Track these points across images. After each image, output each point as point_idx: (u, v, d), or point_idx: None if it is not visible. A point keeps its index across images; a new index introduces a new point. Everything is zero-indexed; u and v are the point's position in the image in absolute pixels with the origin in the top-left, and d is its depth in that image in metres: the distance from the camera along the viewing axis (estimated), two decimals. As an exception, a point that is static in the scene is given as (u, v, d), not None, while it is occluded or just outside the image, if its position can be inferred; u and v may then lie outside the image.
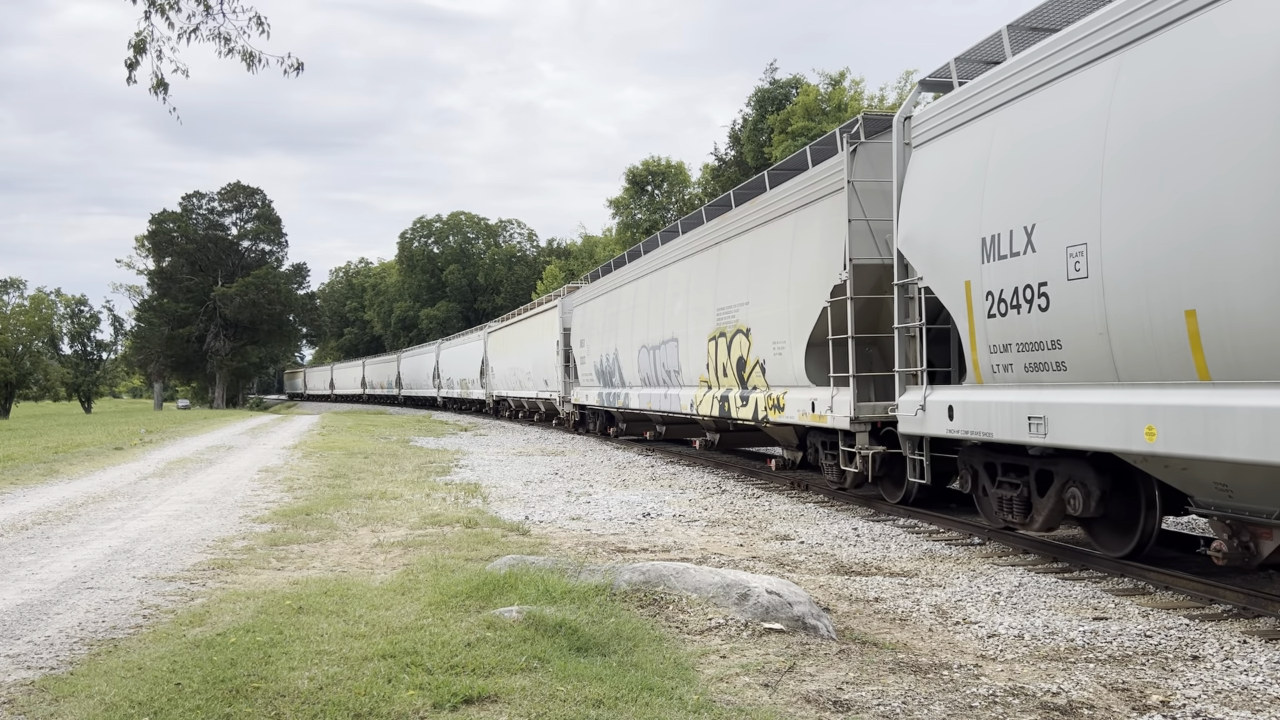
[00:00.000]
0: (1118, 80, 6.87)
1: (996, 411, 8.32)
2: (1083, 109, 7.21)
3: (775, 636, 5.81)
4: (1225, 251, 5.94)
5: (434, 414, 49.18)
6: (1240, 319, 5.90)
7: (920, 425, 9.59)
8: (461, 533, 9.82)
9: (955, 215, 8.82)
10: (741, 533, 10.53)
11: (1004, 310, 8.09)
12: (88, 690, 4.94)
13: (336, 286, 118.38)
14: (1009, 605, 7.11)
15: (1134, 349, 6.76)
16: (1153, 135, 6.50)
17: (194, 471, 17.65)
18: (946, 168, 9.12)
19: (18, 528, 10.82)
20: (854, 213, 10.93)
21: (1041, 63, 7.81)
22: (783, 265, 13.08)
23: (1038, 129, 7.79)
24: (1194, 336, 6.24)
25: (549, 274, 68.58)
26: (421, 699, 4.64)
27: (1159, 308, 6.48)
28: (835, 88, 41.82)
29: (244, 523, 10.97)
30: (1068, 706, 4.78)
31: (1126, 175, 6.69)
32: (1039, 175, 7.67)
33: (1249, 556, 6.58)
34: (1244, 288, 5.83)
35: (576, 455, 21.09)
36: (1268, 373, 5.77)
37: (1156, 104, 6.50)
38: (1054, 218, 7.45)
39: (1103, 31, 7.10)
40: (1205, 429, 6.18)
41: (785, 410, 12.89)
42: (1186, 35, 6.33)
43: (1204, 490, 6.83)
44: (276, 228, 75.98)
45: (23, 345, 74.24)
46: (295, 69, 9.17)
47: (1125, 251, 6.74)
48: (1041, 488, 8.56)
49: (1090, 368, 7.25)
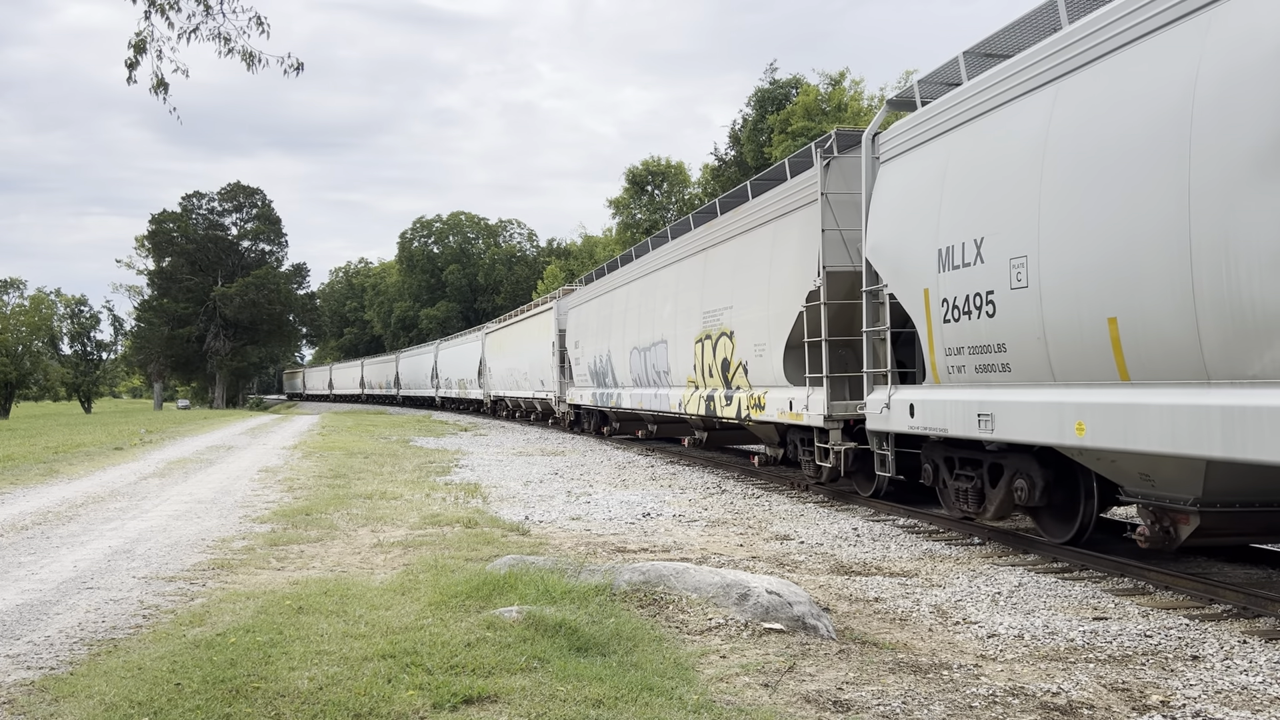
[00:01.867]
0: (1054, 108, 7.57)
1: (951, 409, 9.00)
2: (1026, 133, 7.89)
3: (775, 636, 5.81)
4: (1140, 266, 6.62)
5: (434, 414, 49.17)
6: (1152, 326, 6.58)
7: (886, 422, 10.28)
8: (461, 533, 9.82)
9: (916, 227, 9.48)
10: (741, 533, 10.53)
11: (957, 316, 8.79)
12: (88, 690, 4.94)
13: (336, 286, 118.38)
14: (1009, 605, 7.11)
15: (1066, 352, 7.44)
16: (1083, 160, 7.19)
17: (194, 471, 17.65)
18: (909, 183, 9.78)
19: (18, 528, 10.82)
20: (827, 223, 11.64)
21: (991, 88, 8.47)
22: (763, 271, 13.76)
23: (987, 150, 8.48)
24: (1115, 341, 6.93)
25: (549, 274, 68.59)
26: (421, 699, 4.64)
27: (1087, 315, 7.14)
28: (835, 88, 41.83)
29: (244, 523, 10.97)
30: (1068, 706, 4.78)
31: (1061, 195, 7.39)
32: (988, 192, 8.35)
33: (1169, 540, 7.25)
34: (1155, 299, 6.51)
35: (576, 455, 21.09)
36: (1175, 374, 6.48)
37: (1085, 131, 7.19)
38: (1000, 232, 8.14)
39: (1042, 62, 7.77)
40: (1125, 424, 6.87)
41: (766, 409, 13.60)
42: (1110, 70, 7.01)
43: (1131, 480, 7.55)
44: (276, 228, 75.97)
45: (23, 345, 74.26)
46: (295, 69, 9.17)
47: (1059, 264, 7.43)
48: (993, 480, 9.24)
49: (1030, 369, 7.92)
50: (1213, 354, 6.17)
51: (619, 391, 22.37)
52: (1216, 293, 6.05)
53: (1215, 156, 6.05)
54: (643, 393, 20.39)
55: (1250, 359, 5.93)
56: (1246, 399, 5.93)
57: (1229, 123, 5.98)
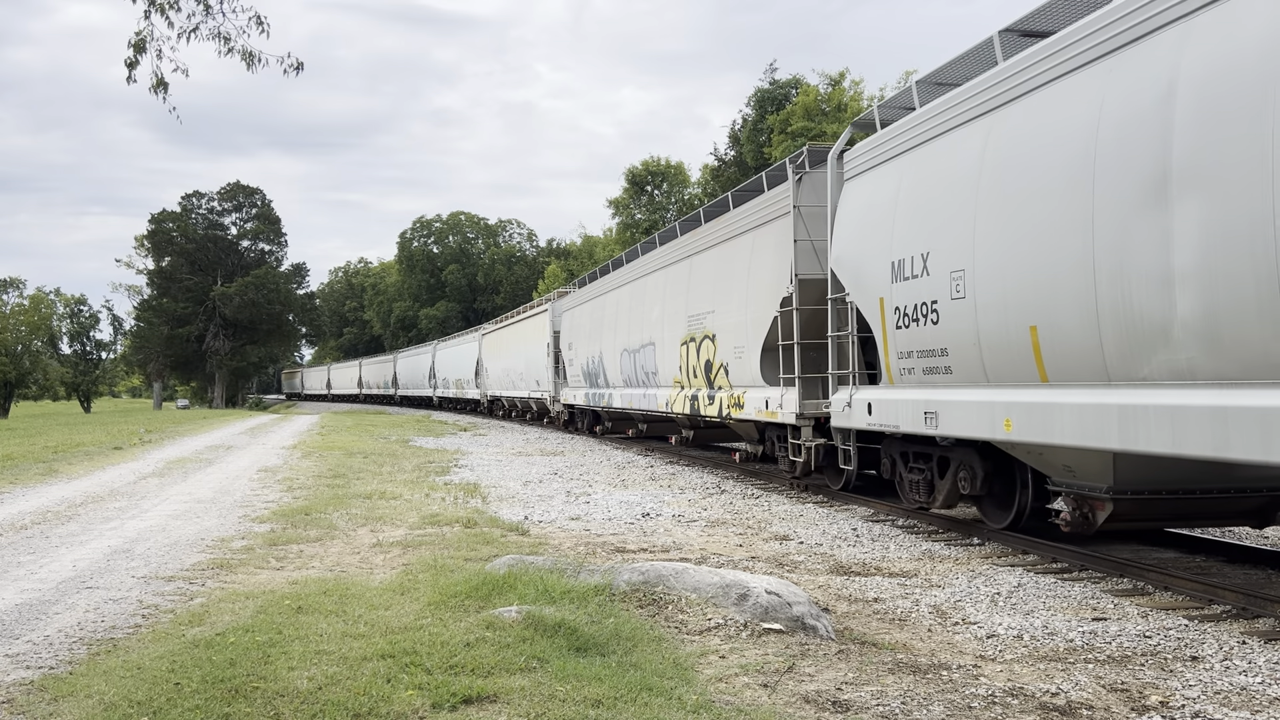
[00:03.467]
0: (988, 138, 8.39)
1: (902, 408, 9.83)
2: (965, 159, 8.69)
3: (774, 637, 5.81)
4: (1055, 281, 7.44)
5: (433, 414, 49.17)
6: (1065, 334, 7.38)
7: (848, 420, 11.12)
8: (461, 533, 9.82)
9: (874, 241, 10.28)
10: (741, 533, 10.53)
11: (907, 323, 9.61)
12: (87, 690, 4.94)
13: (336, 286, 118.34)
14: (1008, 606, 7.11)
15: (997, 356, 8.28)
16: (1010, 185, 8.01)
17: (193, 471, 17.64)
18: (869, 200, 10.61)
19: (17, 527, 10.81)
20: (799, 234, 12.49)
21: (937, 116, 9.29)
22: (742, 278, 14.60)
23: (933, 172, 9.28)
24: (1036, 347, 7.75)
25: (549, 274, 68.61)
26: (421, 699, 4.64)
27: (1013, 323, 7.97)
28: (835, 88, 41.84)
29: (243, 522, 10.97)
30: (1067, 707, 4.78)
31: (992, 216, 8.21)
32: (933, 211, 9.16)
33: (1087, 525, 8.09)
34: (1066, 310, 7.32)
35: (575, 455, 21.09)
36: (1083, 376, 7.28)
37: (1012, 160, 8.03)
38: (942, 248, 8.94)
39: (979, 95, 8.58)
40: (1044, 421, 7.68)
41: (745, 408, 14.40)
42: (1033, 106, 7.83)
43: (1056, 471, 8.37)
44: (276, 227, 75.94)
45: (22, 345, 74.22)
46: (295, 69, 9.16)
47: (990, 277, 8.26)
48: (941, 472, 10.07)
49: (968, 371, 8.76)
50: (1112, 359, 6.97)
51: (610, 392, 23.06)
52: (1114, 306, 6.86)
53: (1112, 189, 6.83)
54: (632, 393, 21.11)
55: (1141, 363, 6.74)
56: (1138, 398, 6.75)
57: (1123, 161, 6.75)
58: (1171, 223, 6.34)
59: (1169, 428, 6.44)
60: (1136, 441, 6.72)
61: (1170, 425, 6.44)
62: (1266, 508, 8.16)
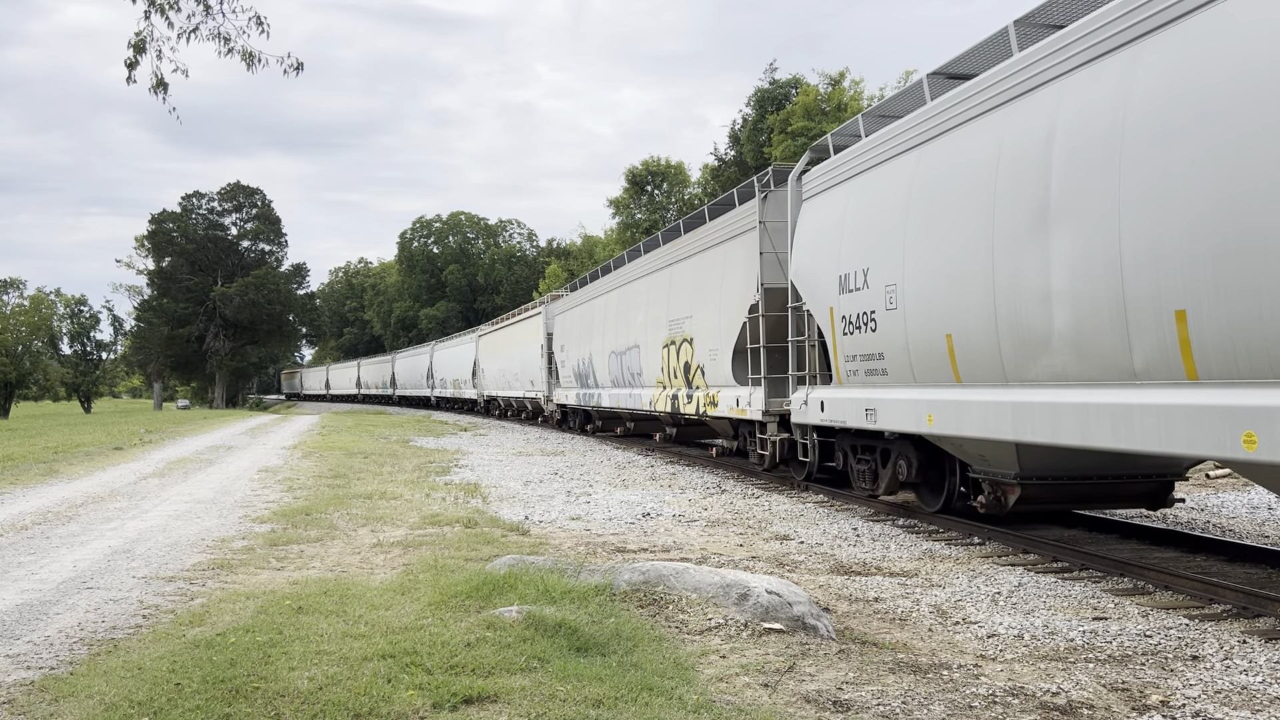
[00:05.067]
0: (917, 168, 9.51)
1: (849, 405, 11.05)
2: (897, 186, 9.85)
3: (775, 636, 5.81)
4: (964, 294, 8.54)
5: (433, 414, 49.18)
6: (973, 341, 8.51)
7: (805, 416, 12.31)
8: (461, 533, 9.81)
9: (825, 256, 11.44)
10: (741, 533, 10.53)
11: (852, 330, 10.77)
12: (87, 690, 4.94)
13: (336, 286, 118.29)
14: (1009, 605, 7.10)
15: (922, 360, 9.44)
16: (931, 210, 9.14)
17: (194, 471, 17.64)
18: (822, 219, 11.79)
19: (17, 528, 10.81)
20: (765, 246, 13.67)
21: (877, 147, 10.47)
22: (716, 286, 15.81)
23: (873, 197, 10.43)
24: (951, 352, 8.90)
25: (550, 274, 68.58)
26: (421, 699, 4.64)
27: (934, 331, 9.11)
28: (835, 88, 41.82)
29: (244, 523, 10.97)
30: (1067, 706, 4.78)
31: (918, 237, 9.35)
32: (872, 231, 10.31)
33: (1000, 507, 9.26)
34: (973, 320, 8.44)
35: (576, 455, 21.09)
36: (987, 378, 8.48)
37: (934, 188, 9.14)
38: (879, 264, 10.09)
39: (909, 131, 9.76)
40: (957, 416, 8.86)
41: (719, 406, 15.56)
42: (951, 142, 8.97)
43: (975, 460, 9.55)
44: (276, 228, 75.90)
45: (22, 345, 74.22)
46: (295, 69, 9.16)
47: (917, 290, 9.38)
48: (884, 462, 11.28)
49: (900, 373, 9.91)
50: (1008, 363, 8.12)
51: (600, 391, 24.23)
52: (1009, 317, 7.97)
53: (1008, 217, 7.92)
54: (620, 392, 22.26)
55: (1029, 367, 7.87)
56: (1027, 396, 7.89)
57: (1016, 193, 7.82)
58: (1050, 249, 7.43)
59: (1049, 421, 7.59)
60: (1025, 433, 7.92)
61: (1050, 419, 7.58)
62: (1158, 492, 9.22)
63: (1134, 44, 6.80)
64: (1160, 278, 6.38)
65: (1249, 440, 5.83)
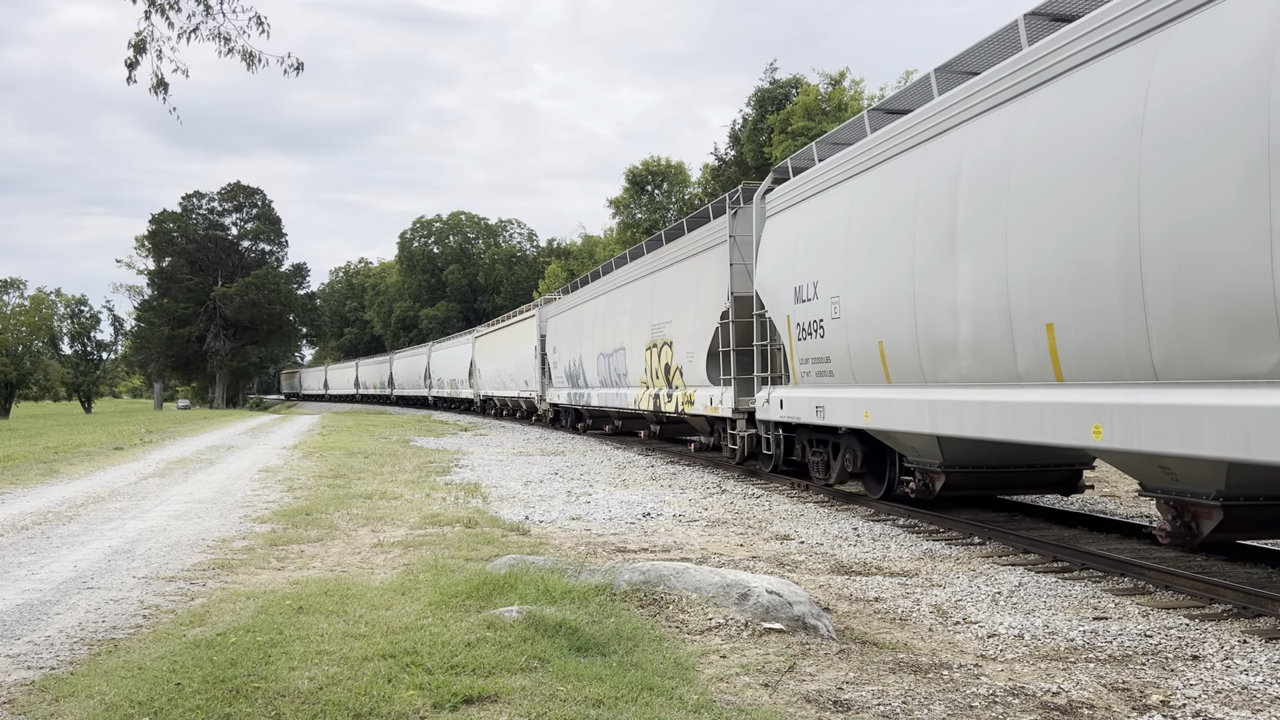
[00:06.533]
0: (856, 194, 10.81)
1: (802, 403, 12.35)
2: (841, 209, 11.14)
3: (775, 636, 5.81)
4: (891, 306, 9.81)
5: (433, 414, 49.19)
6: (899, 347, 9.76)
7: (768, 413, 13.67)
8: (461, 533, 9.81)
9: (784, 269, 12.73)
10: (741, 533, 10.53)
11: (805, 336, 12.04)
12: (88, 690, 4.94)
13: (336, 286, 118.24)
14: (1009, 605, 7.10)
15: (860, 363, 10.69)
16: (866, 232, 10.41)
17: (194, 471, 17.64)
18: (781, 235, 13.10)
19: (18, 528, 10.82)
20: (734, 258, 15.03)
21: (826, 174, 11.75)
22: (692, 293, 17.17)
23: (822, 218, 11.70)
24: (882, 356, 10.14)
25: (550, 274, 68.57)
26: (421, 699, 4.64)
27: (869, 338, 10.37)
28: (835, 88, 41.80)
29: (244, 523, 10.97)
30: (1068, 706, 4.78)
31: (857, 255, 10.59)
32: (821, 249, 11.59)
33: (929, 492, 10.35)
34: (898, 329, 9.70)
35: (576, 455, 21.09)
36: (910, 379, 9.72)
37: (869, 213, 10.38)
38: (826, 278, 11.37)
39: (851, 160, 11.06)
40: (888, 412, 10.13)
41: (695, 404, 16.81)
42: (883, 172, 10.24)
43: (909, 452, 10.70)
44: (276, 228, 75.87)
45: (23, 345, 74.20)
46: (295, 69, 9.15)
47: (856, 302, 10.65)
48: (835, 454, 12.53)
49: (844, 375, 11.18)
50: (926, 366, 9.35)
51: (589, 391, 25.51)
52: (925, 327, 9.23)
53: (925, 240, 9.16)
54: (608, 392, 23.54)
55: (941, 369, 9.11)
56: (940, 395, 9.13)
57: (931, 220, 9.05)
58: (957, 270, 8.66)
59: (956, 416, 8.85)
60: (939, 427, 9.18)
61: (957, 414, 8.84)
62: (1070, 479, 10.33)
63: (1019, 98, 8.00)
64: (1036, 296, 7.63)
65: (1097, 430, 7.08)
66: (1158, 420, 6.54)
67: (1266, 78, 5.64)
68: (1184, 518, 7.20)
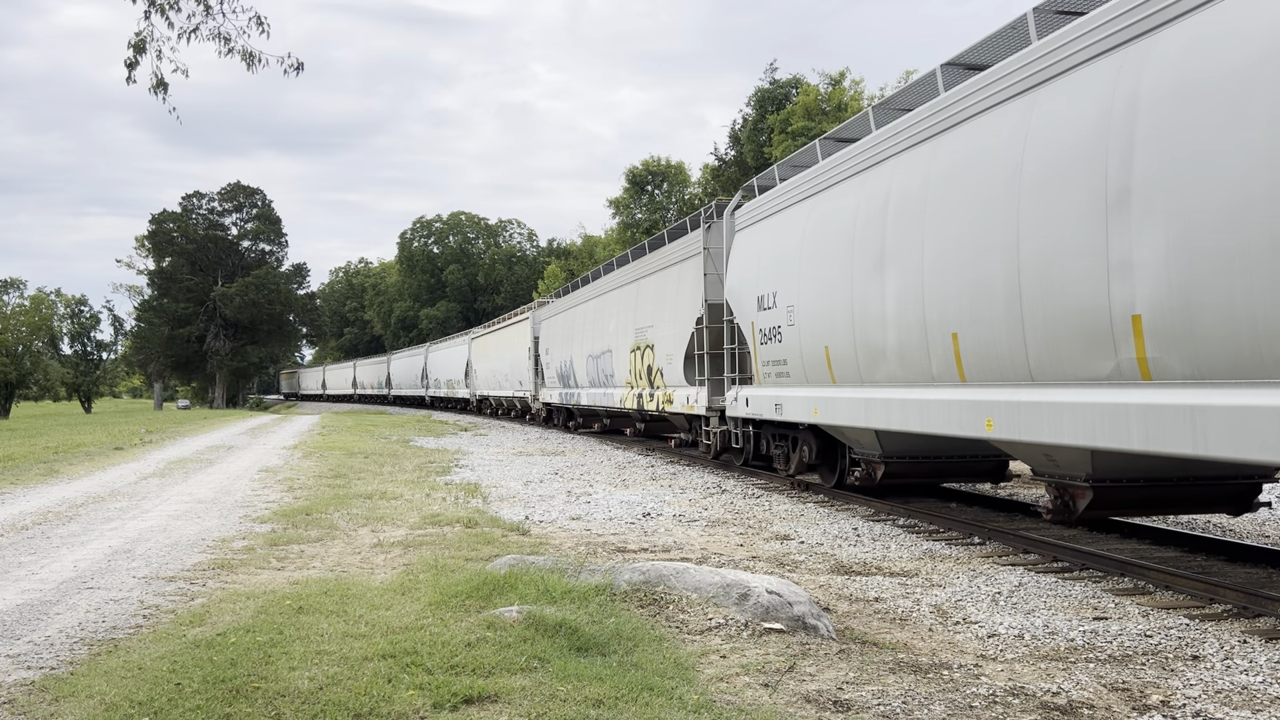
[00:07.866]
0: (810, 214, 12.09)
1: (764, 401, 13.64)
2: (795, 227, 12.46)
3: (775, 636, 5.81)
4: (834, 315, 11.07)
5: (433, 414, 49.20)
6: (841, 351, 10.97)
7: (736, 410, 14.98)
8: (461, 533, 9.81)
9: (749, 280, 14.00)
10: (741, 533, 10.52)
11: (766, 340, 13.31)
12: (88, 690, 4.94)
13: (336, 286, 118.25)
14: (1009, 605, 7.10)
15: (810, 366, 11.98)
16: (818, 247, 11.62)
17: (194, 471, 17.64)
18: (747, 249, 14.43)
19: (18, 528, 10.81)
20: (708, 269, 16.45)
21: (785, 195, 13.15)
22: (672, 300, 18.52)
23: (780, 234, 13.04)
24: (828, 359, 11.40)
25: (550, 274, 68.59)
26: (421, 699, 4.64)
27: (817, 343, 11.61)
28: (835, 88, 41.81)
29: (244, 523, 10.97)
30: (1068, 706, 4.78)
31: (809, 269, 11.82)
32: (780, 262, 12.83)
33: (871, 480, 11.58)
34: (840, 335, 10.93)
35: (576, 455, 21.09)
36: (851, 380, 10.92)
37: (818, 232, 11.67)
38: (783, 288, 12.65)
39: (804, 184, 12.41)
40: (833, 409, 11.41)
41: (674, 403, 18.14)
42: (829, 196, 11.54)
43: (855, 445, 11.95)
44: (276, 228, 75.92)
45: (23, 345, 74.22)
46: (295, 69, 9.16)
47: (807, 310, 11.88)
48: (794, 447, 13.77)
49: (797, 376, 12.46)
50: (863, 368, 10.55)
51: (579, 391, 26.78)
52: (861, 335, 10.45)
53: (861, 258, 10.35)
54: (596, 392, 24.84)
55: (875, 371, 10.32)
56: (874, 394, 10.37)
57: (866, 240, 10.25)
58: (885, 284, 9.83)
59: (885, 412, 10.08)
60: (874, 421, 10.41)
61: (886, 410, 10.07)
62: (998, 469, 11.35)
63: (936, 137, 9.23)
64: (944, 309, 8.81)
65: (990, 424, 8.31)
66: (1032, 415, 7.76)
67: (1104, 139, 6.86)
68: (1063, 497, 8.35)
